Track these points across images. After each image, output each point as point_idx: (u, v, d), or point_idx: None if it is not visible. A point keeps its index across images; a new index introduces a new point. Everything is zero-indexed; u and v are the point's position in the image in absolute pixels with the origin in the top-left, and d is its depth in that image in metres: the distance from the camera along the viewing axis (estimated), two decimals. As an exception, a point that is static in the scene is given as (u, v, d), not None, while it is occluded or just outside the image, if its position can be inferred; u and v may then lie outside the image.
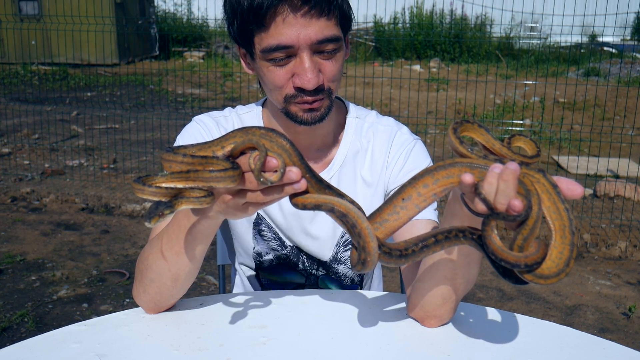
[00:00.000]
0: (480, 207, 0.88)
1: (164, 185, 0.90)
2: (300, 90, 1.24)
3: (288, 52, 1.21)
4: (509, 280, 0.92)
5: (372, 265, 0.91)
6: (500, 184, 0.85)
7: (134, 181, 0.90)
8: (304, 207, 0.93)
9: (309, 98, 1.25)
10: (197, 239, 1.10)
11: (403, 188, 0.95)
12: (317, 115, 1.28)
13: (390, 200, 0.96)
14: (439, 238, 0.95)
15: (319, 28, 1.19)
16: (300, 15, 1.18)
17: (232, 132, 0.94)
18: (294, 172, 0.89)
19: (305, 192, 0.93)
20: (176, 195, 0.91)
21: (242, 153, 0.92)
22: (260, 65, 1.26)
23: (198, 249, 1.13)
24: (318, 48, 1.22)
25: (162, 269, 1.17)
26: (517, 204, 0.85)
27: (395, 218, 0.96)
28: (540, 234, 0.89)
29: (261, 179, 0.87)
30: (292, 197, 0.94)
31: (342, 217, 0.91)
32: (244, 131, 0.93)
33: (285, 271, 1.53)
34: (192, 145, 0.95)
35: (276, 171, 0.88)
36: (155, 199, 0.90)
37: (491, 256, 0.88)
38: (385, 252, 0.93)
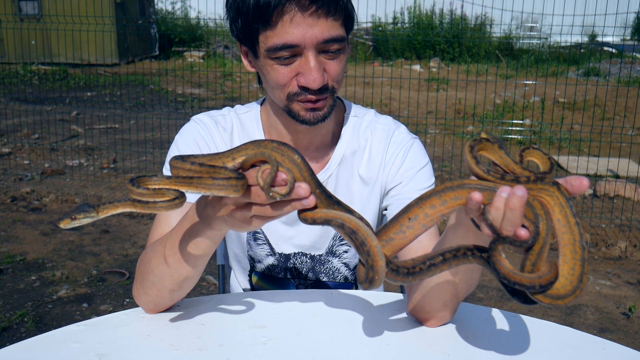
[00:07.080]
0: (487, 231, 0.88)
1: (157, 187, 0.89)
2: (304, 89, 1.24)
3: (293, 52, 1.21)
4: (518, 300, 0.91)
5: (379, 284, 0.91)
6: (507, 211, 0.85)
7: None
8: (313, 222, 0.93)
9: (313, 97, 1.25)
10: (201, 248, 1.10)
11: (409, 207, 0.94)
12: (319, 115, 1.28)
13: (396, 219, 0.95)
14: (446, 257, 0.94)
15: (325, 28, 1.19)
16: (307, 15, 1.17)
17: (244, 144, 0.93)
18: (303, 188, 0.88)
19: (315, 207, 0.92)
20: (110, 201, 0.89)
21: (253, 166, 0.92)
22: (264, 63, 1.25)
23: (201, 257, 1.12)
24: (323, 47, 1.22)
25: (164, 274, 1.16)
26: (524, 234, 0.85)
27: (401, 237, 0.95)
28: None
29: (270, 194, 0.87)
30: (301, 211, 0.93)
31: (351, 234, 0.91)
32: (256, 144, 0.92)
33: (275, 281, 1.53)
34: (203, 155, 0.94)
35: (285, 185, 0.88)
36: (144, 199, 0.89)
37: (503, 280, 0.88)
38: (393, 269, 0.93)
